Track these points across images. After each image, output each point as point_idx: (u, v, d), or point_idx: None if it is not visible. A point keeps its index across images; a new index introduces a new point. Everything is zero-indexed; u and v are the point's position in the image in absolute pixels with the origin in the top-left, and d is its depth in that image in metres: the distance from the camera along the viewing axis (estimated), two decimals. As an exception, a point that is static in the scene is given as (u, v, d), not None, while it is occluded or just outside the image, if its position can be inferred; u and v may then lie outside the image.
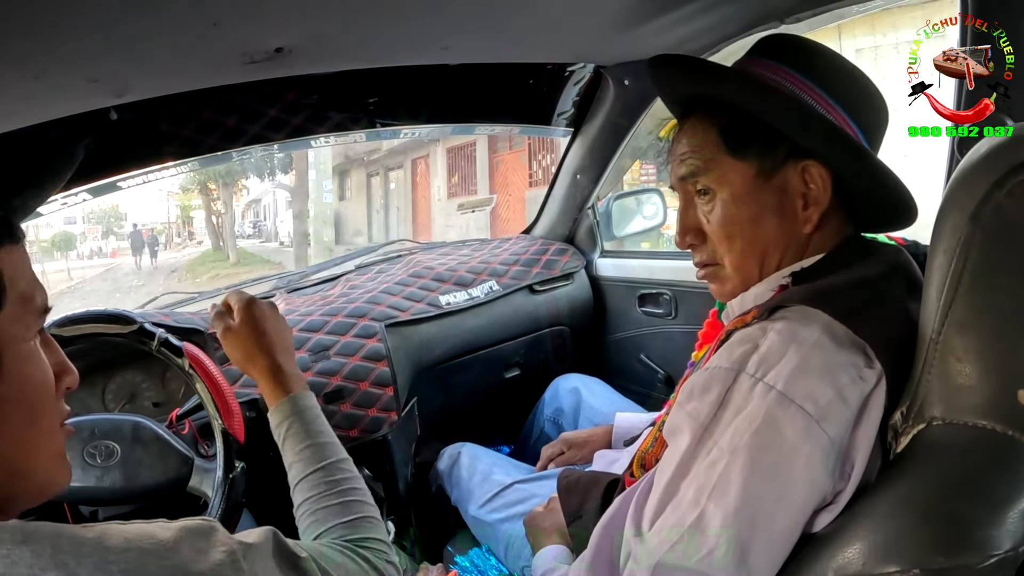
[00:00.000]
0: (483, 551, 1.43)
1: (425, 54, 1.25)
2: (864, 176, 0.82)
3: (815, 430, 0.68)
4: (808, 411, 0.68)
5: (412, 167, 15.47)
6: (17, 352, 0.57)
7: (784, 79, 0.84)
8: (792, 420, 0.68)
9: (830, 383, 0.69)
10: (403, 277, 1.88)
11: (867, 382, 0.70)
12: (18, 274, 0.58)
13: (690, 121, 0.92)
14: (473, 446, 1.66)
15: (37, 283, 0.60)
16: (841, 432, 0.68)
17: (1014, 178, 0.59)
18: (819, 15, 1.23)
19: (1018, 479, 0.59)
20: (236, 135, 1.45)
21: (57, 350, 0.65)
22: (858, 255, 0.83)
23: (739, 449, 0.70)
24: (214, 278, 14.10)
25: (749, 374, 0.73)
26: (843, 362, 0.70)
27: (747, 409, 0.71)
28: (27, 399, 0.58)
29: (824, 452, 0.68)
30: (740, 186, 0.85)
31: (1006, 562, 0.57)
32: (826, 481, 0.68)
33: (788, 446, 0.68)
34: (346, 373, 1.57)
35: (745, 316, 0.83)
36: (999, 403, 0.61)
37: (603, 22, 1.22)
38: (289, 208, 16.38)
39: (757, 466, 0.69)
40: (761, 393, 0.71)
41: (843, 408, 0.69)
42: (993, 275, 0.61)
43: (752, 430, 0.70)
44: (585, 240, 2.20)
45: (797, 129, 0.82)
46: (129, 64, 0.93)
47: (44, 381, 0.60)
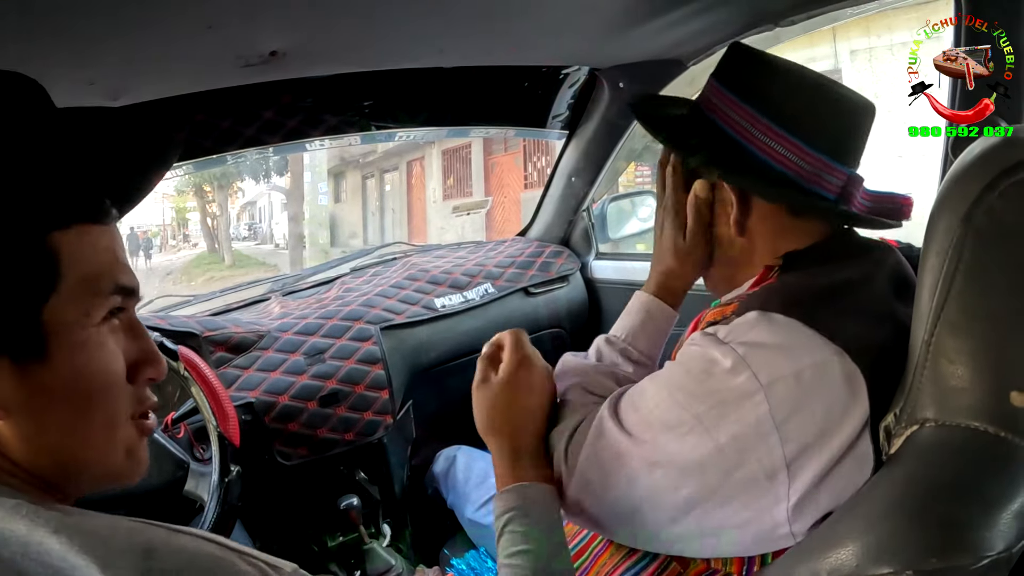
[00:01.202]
0: (480, 553, 1.43)
1: (420, 57, 1.25)
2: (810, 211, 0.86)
3: (759, 397, 0.70)
4: (760, 380, 0.70)
5: (407, 169, 15.45)
6: (70, 339, 0.54)
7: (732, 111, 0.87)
8: (742, 382, 0.71)
9: (790, 362, 0.70)
10: (398, 280, 1.88)
11: (833, 374, 0.70)
12: (83, 256, 0.54)
13: None
14: (469, 449, 1.66)
15: (115, 266, 0.57)
16: (785, 410, 0.69)
17: (1006, 180, 0.59)
18: (813, 18, 1.24)
19: (1011, 480, 0.60)
20: (231, 138, 1.45)
21: (143, 337, 0.61)
22: (843, 254, 0.83)
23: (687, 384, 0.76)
24: (209, 280, 14.04)
25: (719, 337, 0.76)
26: (810, 347, 0.71)
27: (708, 355, 0.75)
28: (78, 390, 0.55)
29: (758, 418, 0.69)
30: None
31: (999, 563, 0.57)
32: (758, 447, 0.70)
33: (731, 398, 0.71)
34: (341, 376, 1.57)
35: (725, 308, 0.84)
36: (991, 405, 0.61)
37: (598, 25, 1.22)
38: (284, 210, 16.34)
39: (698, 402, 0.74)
40: (723, 351, 0.74)
41: (796, 387, 0.69)
42: (985, 277, 0.61)
43: (706, 372, 0.74)
44: (580, 242, 2.20)
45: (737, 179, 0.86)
46: (125, 67, 0.93)
47: (104, 371, 0.56)
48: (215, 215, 18.41)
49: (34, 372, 0.52)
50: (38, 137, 0.55)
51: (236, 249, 18.05)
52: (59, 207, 0.54)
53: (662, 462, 0.75)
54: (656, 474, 0.76)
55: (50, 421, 0.54)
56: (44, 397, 0.53)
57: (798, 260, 0.84)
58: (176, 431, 1.29)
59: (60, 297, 0.53)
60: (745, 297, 0.84)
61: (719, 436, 0.71)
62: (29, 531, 0.46)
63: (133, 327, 0.60)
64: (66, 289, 0.53)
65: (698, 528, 0.75)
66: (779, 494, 0.70)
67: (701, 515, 0.74)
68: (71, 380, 0.54)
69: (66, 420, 0.55)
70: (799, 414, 0.69)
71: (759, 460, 0.70)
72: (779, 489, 0.70)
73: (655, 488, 0.76)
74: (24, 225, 0.52)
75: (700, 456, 0.72)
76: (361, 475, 1.63)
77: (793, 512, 0.70)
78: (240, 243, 19.71)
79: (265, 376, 1.51)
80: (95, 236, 0.56)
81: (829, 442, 0.69)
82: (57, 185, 0.55)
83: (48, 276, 0.52)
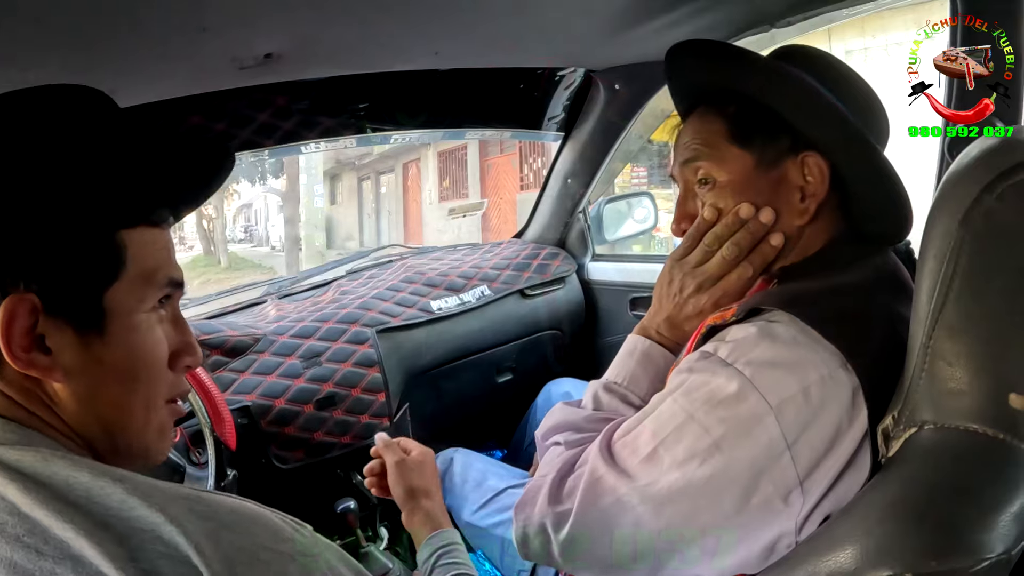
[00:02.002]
0: (478, 556, 1.43)
1: (416, 59, 1.24)
2: (866, 167, 0.82)
3: (769, 420, 0.69)
4: (769, 402, 0.69)
5: (403, 171, 15.44)
6: (127, 321, 0.62)
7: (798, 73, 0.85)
8: (751, 406, 0.70)
9: (797, 379, 0.70)
10: (395, 282, 1.88)
11: (839, 386, 0.70)
12: (147, 253, 0.63)
13: (696, 112, 0.92)
14: (466, 451, 1.65)
15: (168, 263, 0.66)
16: (796, 429, 0.69)
17: (1004, 182, 0.59)
18: (809, 19, 1.24)
19: (1009, 483, 0.60)
20: (226, 141, 1.45)
21: (184, 329, 0.69)
22: (844, 259, 0.83)
23: (695, 414, 0.74)
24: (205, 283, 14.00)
25: (721, 358, 0.75)
26: (815, 361, 0.71)
27: (713, 382, 0.74)
28: (130, 366, 0.62)
29: (771, 440, 0.69)
30: (739, 174, 0.86)
31: (998, 566, 0.57)
32: (772, 468, 0.69)
33: (741, 423, 0.71)
34: (338, 379, 1.57)
35: (725, 313, 0.84)
36: (990, 407, 0.61)
37: (593, 27, 1.22)
38: (280, 212, 16.30)
39: (708, 433, 0.72)
40: (728, 375, 0.73)
41: (804, 405, 0.69)
42: (983, 279, 0.61)
43: (713, 400, 0.73)
44: (576, 244, 2.20)
45: (810, 117, 0.82)
46: (119, 70, 0.93)
47: (151, 353, 0.64)
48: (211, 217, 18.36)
49: (93, 345, 0.60)
50: (114, 145, 0.65)
51: (232, 251, 18.01)
52: (129, 209, 0.63)
53: (673, 498, 0.74)
54: (667, 512, 0.74)
55: (101, 391, 0.61)
56: (99, 368, 0.61)
57: (796, 270, 0.84)
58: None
59: (122, 284, 0.61)
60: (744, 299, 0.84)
61: (731, 462, 0.71)
62: (92, 479, 0.52)
63: (177, 320, 0.69)
64: (127, 278, 0.61)
65: (710, 554, 0.74)
66: (792, 512, 0.70)
67: (715, 543, 0.73)
68: (123, 357, 0.62)
69: (115, 393, 0.62)
70: (809, 431, 0.69)
71: (773, 482, 0.70)
72: (793, 508, 0.70)
73: (669, 525, 0.75)
74: (99, 221, 0.61)
75: (714, 487, 0.72)
76: (358, 478, 1.63)
77: (802, 525, 0.70)
78: (236, 245, 19.69)
79: (261, 379, 1.51)
80: (155, 236, 0.65)
81: (836, 452, 0.69)
82: (128, 190, 0.63)
83: (114, 265, 0.61)
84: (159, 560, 0.50)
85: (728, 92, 0.88)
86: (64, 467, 0.53)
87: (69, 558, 0.49)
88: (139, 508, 0.51)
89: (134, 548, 0.50)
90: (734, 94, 0.87)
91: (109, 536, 0.50)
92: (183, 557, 0.50)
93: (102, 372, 0.61)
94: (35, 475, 0.52)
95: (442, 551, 1.02)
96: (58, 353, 0.59)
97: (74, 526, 0.50)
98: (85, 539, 0.49)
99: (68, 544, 0.50)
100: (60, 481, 0.52)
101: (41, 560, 0.49)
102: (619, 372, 0.98)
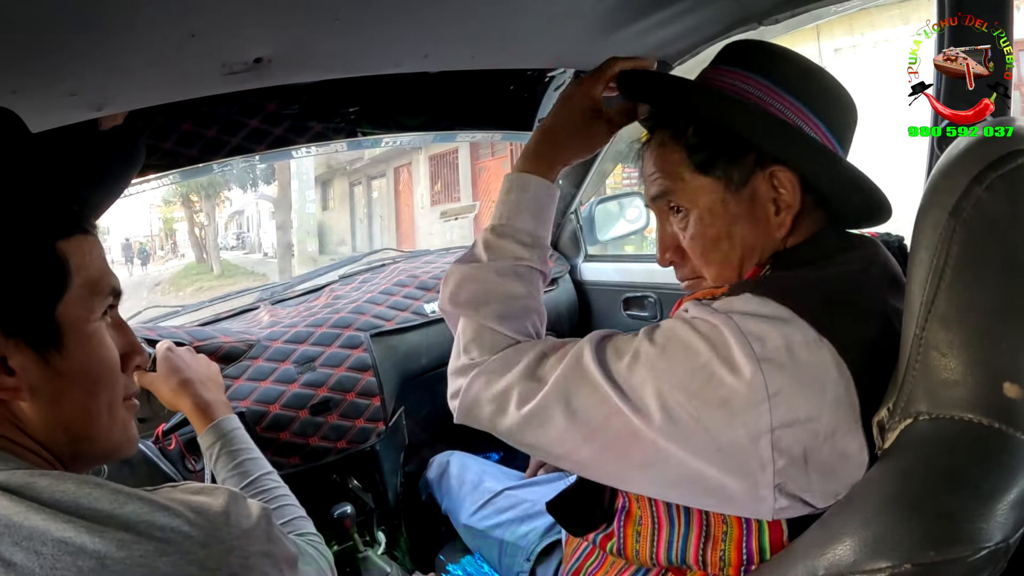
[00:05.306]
0: (476, 559, 1.43)
1: (405, 62, 1.24)
2: (834, 178, 0.82)
3: (752, 366, 0.69)
4: (754, 349, 0.69)
5: (395, 175, 15.45)
6: (81, 332, 0.65)
7: (749, 86, 0.84)
8: (737, 348, 0.70)
9: (781, 333, 0.70)
10: (387, 286, 1.88)
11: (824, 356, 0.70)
12: (86, 262, 0.66)
13: (656, 138, 0.91)
14: (462, 454, 1.65)
15: (107, 271, 0.69)
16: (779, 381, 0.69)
17: (993, 173, 0.60)
18: (797, 16, 1.24)
19: (1006, 471, 0.60)
20: (217, 147, 1.44)
21: (128, 332, 0.74)
22: (835, 248, 0.82)
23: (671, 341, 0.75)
24: (198, 291, 13.98)
25: (712, 307, 0.75)
26: (802, 326, 0.71)
27: (702, 315, 0.74)
28: (88, 374, 0.66)
29: (748, 387, 0.69)
30: (711, 203, 0.85)
31: (996, 554, 0.58)
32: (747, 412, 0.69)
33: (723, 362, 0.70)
34: (332, 384, 1.56)
35: (715, 290, 0.84)
36: (984, 396, 0.61)
37: (582, 27, 1.22)
38: (272, 219, 16.27)
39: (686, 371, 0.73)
40: (717, 318, 0.73)
41: (788, 359, 0.69)
42: (975, 270, 0.62)
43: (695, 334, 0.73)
44: (568, 245, 2.21)
45: (765, 138, 0.82)
46: (107, 77, 0.92)
47: (106, 359, 0.68)
48: (203, 225, 18.35)
49: (53, 360, 0.63)
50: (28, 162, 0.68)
51: (224, 259, 17.99)
52: (60, 219, 0.66)
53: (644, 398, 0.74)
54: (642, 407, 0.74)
55: (65, 401, 0.65)
56: (61, 381, 0.64)
57: (788, 256, 0.84)
58: (167, 443, 1.28)
59: (71, 296, 0.64)
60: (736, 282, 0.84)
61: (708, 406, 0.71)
62: (77, 487, 0.56)
63: (119, 324, 0.73)
64: (75, 290, 0.64)
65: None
66: (763, 458, 0.69)
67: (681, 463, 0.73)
68: (83, 366, 0.65)
69: (78, 400, 0.66)
70: (790, 387, 0.69)
71: (745, 425, 0.69)
72: (762, 453, 0.69)
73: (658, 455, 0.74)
74: (37, 235, 0.63)
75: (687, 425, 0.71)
76: (354, 483, 1.63)
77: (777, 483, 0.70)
78: (228, 252, 19.67)
79: (255, 385, 1.50)
80: (91, 244, 0.68)
81: (816, 422, 0.69)
82: (54, 200, 0.67)
83: (60, 278, 0.64)
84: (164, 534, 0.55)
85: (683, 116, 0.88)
86: (48, 482, 0.56)
87: (70, 553, 0.53)
88: (131, 503, 0.56)
89: (140, 532, 0.55)
90: (689, 118, 0.87)
91: (112, 526, 0.54)
92: (185, 533, 0.56)
93: (64, 384, 0.64)
94: (21, 490, 0.55)
95: (224, 440, 1.11)
96: (21, 373, 0.62)
97: (74, 526, 0.53)
98: (87, 535, 0.53)
99: (69, 542, 0.53)
100: (47, 495, 0.55)
101: (41, 560, 0.52)
102: (500, 213, 0.98)
